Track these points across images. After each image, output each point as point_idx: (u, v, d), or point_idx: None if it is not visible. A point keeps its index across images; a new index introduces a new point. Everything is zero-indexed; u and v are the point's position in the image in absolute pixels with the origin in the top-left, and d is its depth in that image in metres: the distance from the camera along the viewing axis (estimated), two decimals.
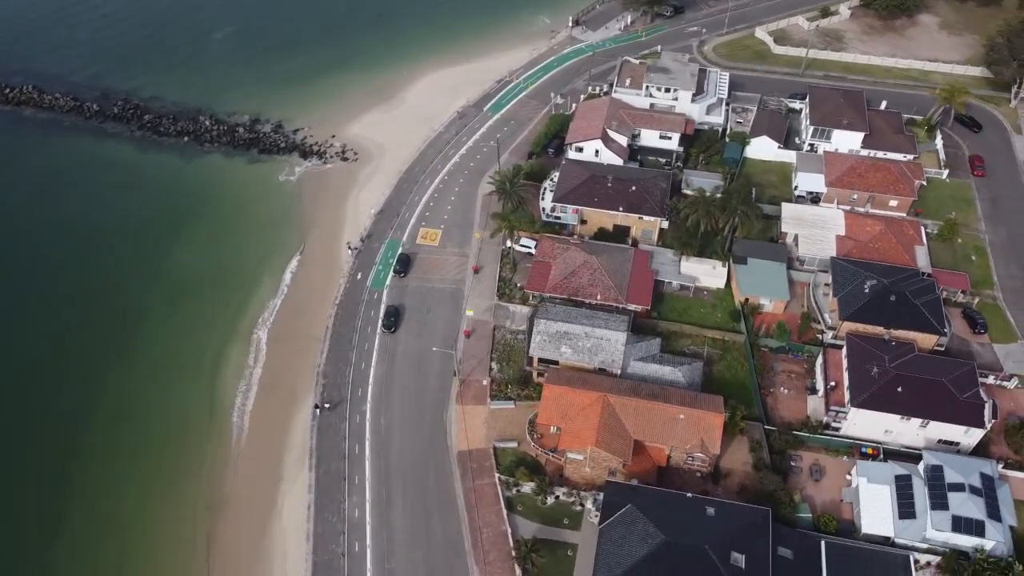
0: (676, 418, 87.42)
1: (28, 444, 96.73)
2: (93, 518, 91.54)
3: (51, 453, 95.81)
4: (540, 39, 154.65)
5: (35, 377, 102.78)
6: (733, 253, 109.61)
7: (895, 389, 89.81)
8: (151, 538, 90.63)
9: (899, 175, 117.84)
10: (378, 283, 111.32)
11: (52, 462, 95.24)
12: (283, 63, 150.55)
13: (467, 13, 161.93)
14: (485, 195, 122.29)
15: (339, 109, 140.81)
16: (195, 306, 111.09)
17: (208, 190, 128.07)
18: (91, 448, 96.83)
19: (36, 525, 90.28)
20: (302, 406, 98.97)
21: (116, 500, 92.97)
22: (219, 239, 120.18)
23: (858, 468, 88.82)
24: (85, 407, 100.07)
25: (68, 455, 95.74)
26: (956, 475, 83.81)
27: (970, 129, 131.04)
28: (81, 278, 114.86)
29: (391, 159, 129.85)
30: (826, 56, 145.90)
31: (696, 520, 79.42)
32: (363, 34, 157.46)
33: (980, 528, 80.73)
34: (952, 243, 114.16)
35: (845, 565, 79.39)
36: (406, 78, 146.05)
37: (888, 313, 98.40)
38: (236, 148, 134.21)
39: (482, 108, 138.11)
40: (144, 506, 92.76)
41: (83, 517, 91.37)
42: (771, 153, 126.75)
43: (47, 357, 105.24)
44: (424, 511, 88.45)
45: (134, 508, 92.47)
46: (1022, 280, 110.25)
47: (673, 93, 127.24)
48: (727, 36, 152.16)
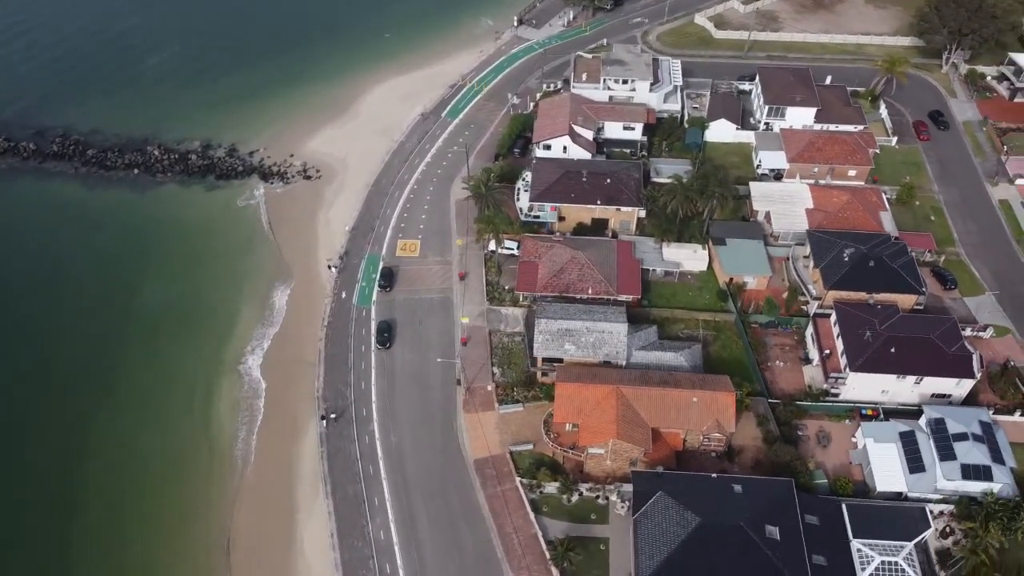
0: (690, 402, 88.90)
1: (18, 502, 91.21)
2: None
3: (44, 512, 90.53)
4: (486, 41, 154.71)
5: (15, 436, 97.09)
6: (711, 235, 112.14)
7: (888, 350, 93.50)
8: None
9: (855, 146, 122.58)
10: (364, 300, 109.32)
11: (46, 521, 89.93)
12: (226, 83, 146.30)
13: (408, 21, 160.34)
14: (458, 201, 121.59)
15: (293, 126, 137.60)
16: (174, 343, 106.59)
17: (168, 222, 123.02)
18: (86, 502, 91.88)
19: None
20: (306, 433, 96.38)
21: (119, 554, 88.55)
22: (188, 271, 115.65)
23: (863, 430, 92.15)
24: (73, 460, 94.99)
25: (63, 513, 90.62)
26: (958, 425, 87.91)
27: (938, 127, 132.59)
28: (45, 328, 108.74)
29: (356, 173, 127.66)
30: (765, 37, 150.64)
31: (726, 499, 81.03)
32: (304, 48, 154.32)
33: (988, 473, 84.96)
34: (911, 206, 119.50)
35: (867, 524, 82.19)
36: (357, 90, 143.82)
37: (869, 278, 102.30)
38: (191, 176, 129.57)
39: (440, 114, 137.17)
40: (151, 558, 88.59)
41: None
42: (730, 135, 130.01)
43: (24, 415, 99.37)
44: (450, 523, 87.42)
45: (140, 560, 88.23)
46: (979, 235, 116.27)
47: (631, 84, 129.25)
48: (668, 24, 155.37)
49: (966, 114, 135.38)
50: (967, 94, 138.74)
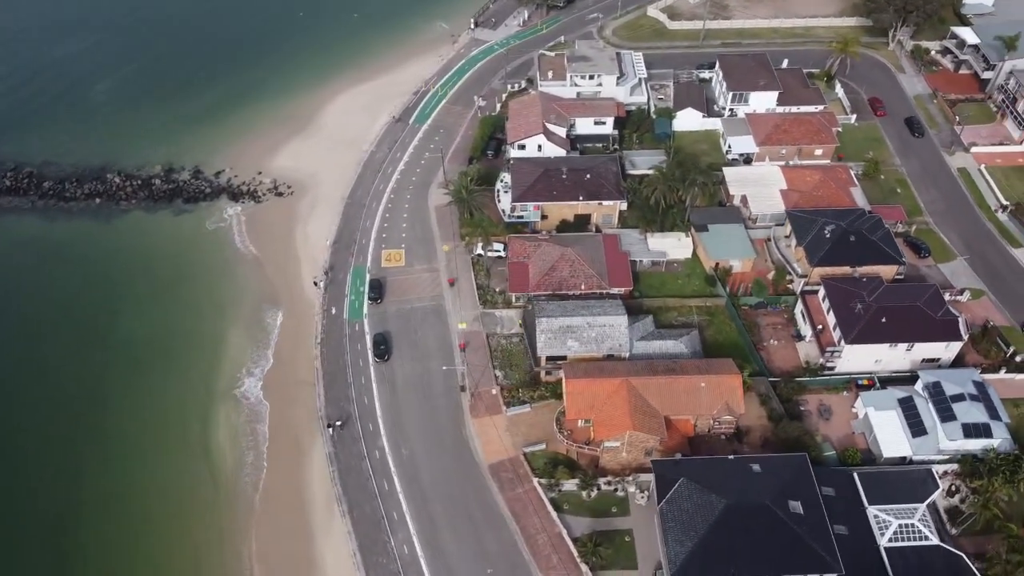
0: (699, 387, 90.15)
1: (18, 558, 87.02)
2: None
3: (46, 566, 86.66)
4: (443, 44, 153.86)
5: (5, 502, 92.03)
6: (693, 223, 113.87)
7: (880, 320, 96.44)
8: None
9: (819, 126, 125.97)
10: (355, 314, 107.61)
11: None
12: (180, 105, 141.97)
13: (361, 29, 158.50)
14: (438, 207, 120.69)
15: (256, 144, 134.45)
16: (160, 377, 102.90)
17: (138, 250, 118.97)
18: (89, 551, 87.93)
19: None
20: (312, 454, 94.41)
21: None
22: (165, 300, 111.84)
23: (862, 399, 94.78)
24: (73, 507, 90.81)
25: (65, 564, 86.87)
26: (954, 387, 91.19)
27: (913, 135, 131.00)
28: (16, 376, 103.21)
29: (329, 187, 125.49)
30: (718, 26, 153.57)
31: (747, 479, 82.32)
32: (257, 64, 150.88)
33: (987, 430, 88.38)
34: (877, 180, 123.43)
35: (880, 490, 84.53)
36: (318, 102, 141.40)
37: (851, 253, 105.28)
38: (157, 201, 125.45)
39: (408, 121, 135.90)
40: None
41: None
42: (697, 123, 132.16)
43: (11, 477, 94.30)
44: (473, 531, 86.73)
45: None
46: (944, 203, 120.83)
47: (597, 79, 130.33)
48: (622, 18, 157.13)
49: (916, 88, 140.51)
50: (915, 69, 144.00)
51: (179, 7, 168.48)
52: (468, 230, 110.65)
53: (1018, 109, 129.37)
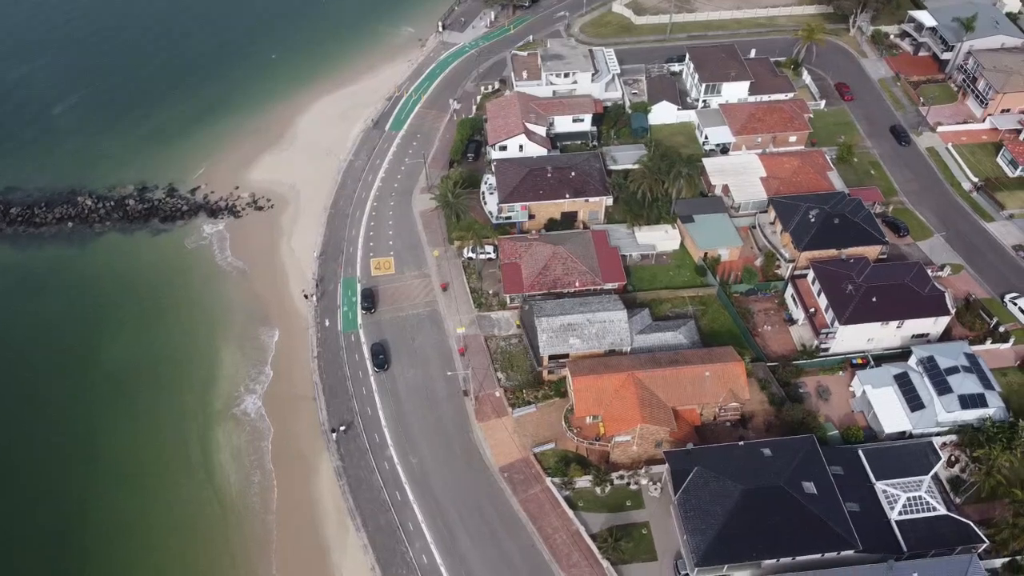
0: (703, 376, 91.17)
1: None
2: None
3: None
4: (412, 49, 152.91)
5: (5, 527, 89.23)
6: (678, 214, 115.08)
7: (870, 300, 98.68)
8: None
9: (792, 113, 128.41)
10: (350, 325, 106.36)
11: None
12: (147, 122, 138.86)
13: (326, 37, 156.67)
14: (423, 212, 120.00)
15: (230, 158, 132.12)
16: (153, 401, 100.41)
17: (117, 273, 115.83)
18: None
19: None
20: (319, 470, 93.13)
21: None
22: (150, 323, 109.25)
23: (859, 378, 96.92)
24: (75, 544, 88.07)
25: None
26: (947, 360, 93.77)
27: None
28: (6, 406, 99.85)
29: (310, 198, 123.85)
30: (683, 19, 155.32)
31: (759, 463, 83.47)
32: (223, 76, 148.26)
33: (982, 400, 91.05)
34: (851, 163, 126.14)
35: (885, 465, 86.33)
36: (289, 113, 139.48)
37: (837, 235, 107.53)
38: (133, 222, 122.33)
39: (384, 128, 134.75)
40: None
41: None
42: (672, 116, 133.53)
43: (9, 501, 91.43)
44: (491, 535, 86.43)
45: None
46: (917, 182, 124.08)
47: (572, 77, 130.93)
48: (588, 15, 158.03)
49: (879, 72, 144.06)
50: (876, 53, 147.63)
51: (138, 20, 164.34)
52: (460, 233, 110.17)
53: (979, 88, 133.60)
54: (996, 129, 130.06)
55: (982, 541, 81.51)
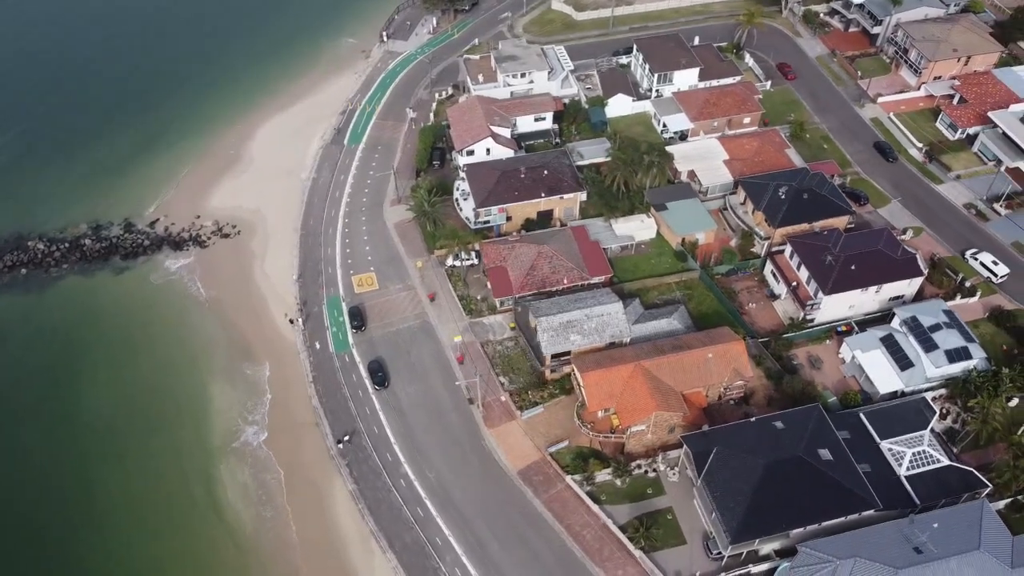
0: (706, 359, 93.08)
1: None
2: None
3: None
4: (357, 60, 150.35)
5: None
6: (651, 203, 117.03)
7: (849, 268, 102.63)
8: None
9: (744, 96, 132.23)
10: (341, 346, 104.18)
11: None
12: (87, 157, 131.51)
13: (265, 55, 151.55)
14: (396, 224, 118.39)
15: (186, 187, 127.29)
16: (145, 447, 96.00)
17: (83, 317, 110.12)
18: None
19: None
20: (334, 495, 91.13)
21: None
22: (129, 366, 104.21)
23: (847, 344, 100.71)
24: None
25: None
26: (929, 318, 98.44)
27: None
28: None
29: (278, 220, 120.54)
30: (622, 12, 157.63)
31: (775, 437, 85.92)
32: (164, 102, 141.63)
33: (967, 353, 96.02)
34: (804, 139, 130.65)
35: (887, 425, 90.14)
36: (241, 135, 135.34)
37: (807, 210, 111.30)
38: (92, 262, 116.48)
39: (342, 142, 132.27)
40: None
41: None
42: (628, 108, 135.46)
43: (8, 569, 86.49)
44: (520, 539, 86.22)
45: None
46: (867, 152, 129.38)
47: (528, 77, 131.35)
48: (529, 14, 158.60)
49: (815, 50, 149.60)
50: (810, 32, 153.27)
51: (64, 52, 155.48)
52: (444, 242, 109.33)
53: (911, 58, 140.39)
54: (932, 96, 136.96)
55: (985, 486, 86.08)
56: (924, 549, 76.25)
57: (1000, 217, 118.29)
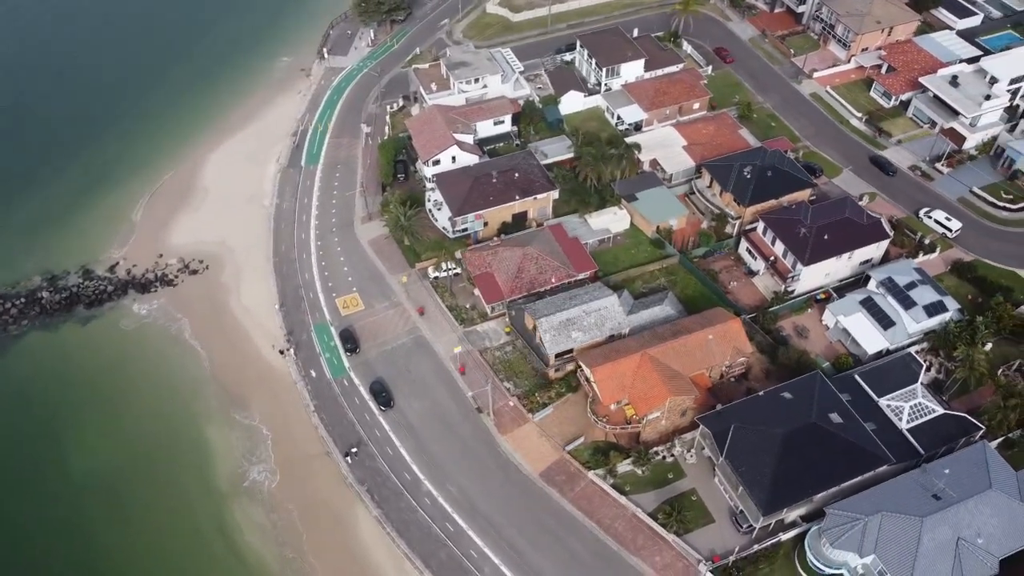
0: (707, 340, 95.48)
1: None
2: None
3: None
4: (298, 80, 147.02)
5: None
6: (622, 195, 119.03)
7: (823, 238, 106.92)
8: None
9: (691, 83, 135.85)
10: (338, 371, 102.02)
11: None
12: (28, 204, 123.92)
13: (199, 80, 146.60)
14: (371, 241, 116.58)
15: (141, 226, 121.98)
16: (148, 502, 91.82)
17: (54, 374, 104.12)
18: None
19: None
20: (358, 523, 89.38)
21: None
22: (114, 419, 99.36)
23: (829, 311, 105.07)
24: None
25: None
26: (903, 277, 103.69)
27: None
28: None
29: (247, 250, 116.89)
30: (558, 9, 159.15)
31: (786, 407, 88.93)
32: (94, 140, 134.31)
33: (943, 306, 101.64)
34: (752, 119, 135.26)
35: (881, 383, 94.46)
36: (190, 167, 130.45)
37: (773, 186, 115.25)
38: (54, 315, 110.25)
39: (300, 164, 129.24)
40: None
41: None
42: (580, 104, 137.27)
43: None
44: (555, 539, 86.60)
45: None
46: (813, 127, 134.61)
47: (482, 82, 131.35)
48: (465, 19, 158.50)
49: (747, 33, 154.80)
50: (738, 16, 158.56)
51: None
52: (430, 254, 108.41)
53: (838, 33, 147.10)
54: (862, 67, 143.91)
55: (979, 428, 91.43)
56: (943, 495, 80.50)
57: (943, 175, 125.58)
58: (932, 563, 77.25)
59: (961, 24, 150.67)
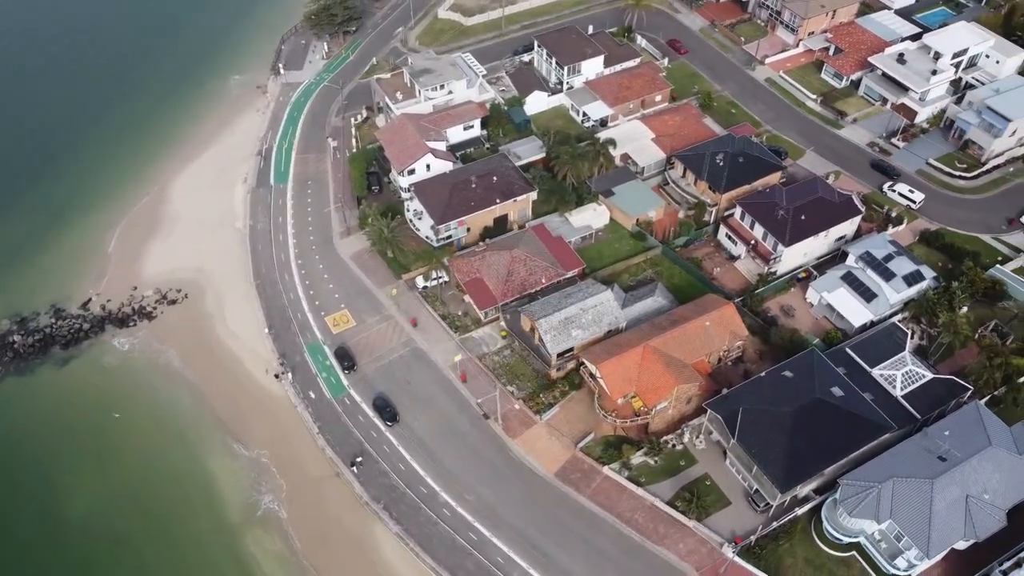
0: (705, 327, 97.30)
1: None
2: None
3: None
4: (254, 97, 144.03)
5: None
6: (599, 191, 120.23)
7: (800, 219, 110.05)
8: None
9: (651, 76, 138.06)
10: (337, 390, 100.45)
11: None
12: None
13: (153, 103, 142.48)
14: (353, 255, 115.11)
15: (111, 259, 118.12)
16: (159, 543, 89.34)
17: (37, 420, 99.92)
18: None
19: None
20: (381, 543, 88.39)
21: None
22: (109, 460, 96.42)
23: (813, 288, 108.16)
24: None
25: None
26: (880, 250, 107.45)
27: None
28: None
29: (226, 275, 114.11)
30: (510, 11, 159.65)
31: (789, 385, 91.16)
32: (50, 174, 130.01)
33: (920, 275, 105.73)
34: (713, 108, 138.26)
35: (872, 354, 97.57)
36: (154, 194, 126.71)
37: (745, 172, 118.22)
38: (28, 359, 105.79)
39: (268, 183, 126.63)
40: None
41: None
42: (544, 103, 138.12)
43: None
44: (578, 537, 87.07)
45: None
46: (771, 111, 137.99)
47: (447, 88, 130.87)
48: (418, 27, 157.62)
49: (696, 23, 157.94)
50: (686, 7, 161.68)
51: None
52: (421, 264, 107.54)
53: (785, 19, 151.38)
54: (811, 50, 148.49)
55: (967, 389, 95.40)
56: (948, 456, 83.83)
57: (900, 150, 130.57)
58: (946, 522, 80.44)
59: (898, 3, 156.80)
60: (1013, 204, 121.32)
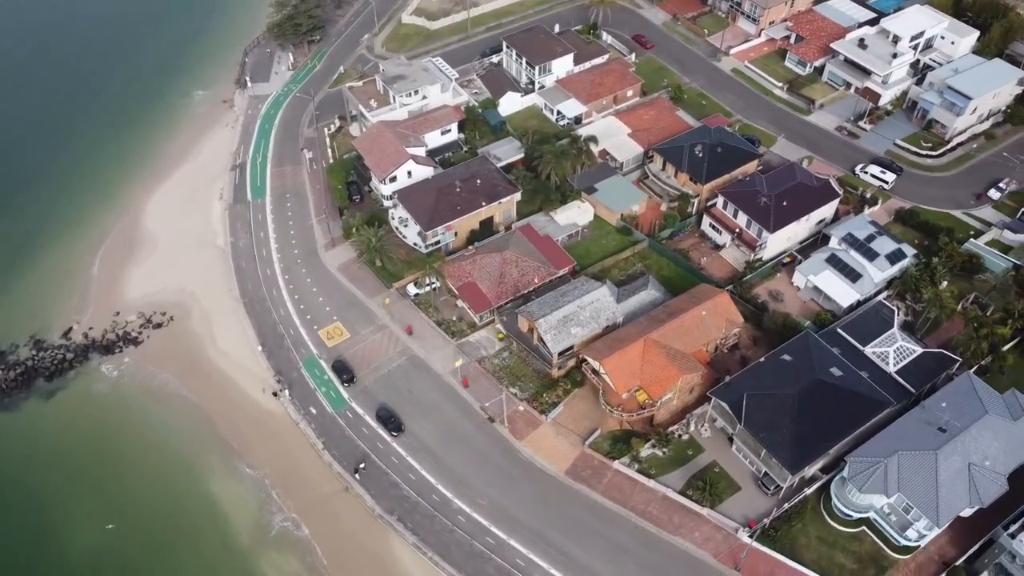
0: (702, 317, 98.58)
1: None
2: None
3: None
4: (221, 112, 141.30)
5: None
6: (580, 188, 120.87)
7: (783, 205, 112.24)
8: None
9: (622, 72, 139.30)
10: (338, 404, 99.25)
11: None
12: None
13: (120, 124, 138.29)
14: (341, 266, 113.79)
15: (90, 286, 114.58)
16: (171, 567, 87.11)
17: (27, 455, 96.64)
18: None
19: None
20: (398, 555, 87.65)
21: None
22: (114, 494, 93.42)
23: (799, 272, 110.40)
24: None
25: None
26: (862, 231, 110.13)
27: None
28: None
29: (212, 295, 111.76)
30: (475, 12, 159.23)
31: (788, 369, 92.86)
32: (22, 198, 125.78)
33: (902, 253, 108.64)
34: (684, 100, 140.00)
35: (863, 333, 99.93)
36: (129, 216, 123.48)
37: (724, 161, 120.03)
38: (12, 394, 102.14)
39: (246, 199, 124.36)
40: None
41: None
42: (518, 104, 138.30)
43: None
44: (595, 534, 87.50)
45: None
46: (741, 101, 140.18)
47: (421, 93, 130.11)
48: (383, 32, 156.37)
49: (659, 18, 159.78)
50: (648, 3, 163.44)
51: None
52: (412, 271, 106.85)
53: (745, 10, 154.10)
54: (773, 39, 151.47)
55: (955, 361, 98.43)
56: (948, 427, 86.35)
57: (867, 132, 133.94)
58: (952, 490, 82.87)
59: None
60: (979, 179, 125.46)
